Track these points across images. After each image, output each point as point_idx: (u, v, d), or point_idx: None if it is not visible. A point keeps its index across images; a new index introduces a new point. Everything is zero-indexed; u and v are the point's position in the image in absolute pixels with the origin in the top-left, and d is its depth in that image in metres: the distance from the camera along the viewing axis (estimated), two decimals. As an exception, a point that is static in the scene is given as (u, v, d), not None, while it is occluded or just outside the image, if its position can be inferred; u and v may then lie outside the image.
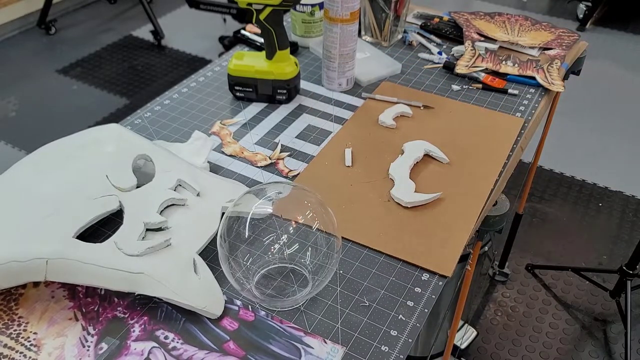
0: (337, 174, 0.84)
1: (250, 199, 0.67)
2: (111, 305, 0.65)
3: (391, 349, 0.61)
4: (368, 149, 0.88)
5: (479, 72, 1.06)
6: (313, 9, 1.10)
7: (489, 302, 1.60)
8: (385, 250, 0.72)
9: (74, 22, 2.86)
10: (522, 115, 0.97)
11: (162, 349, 0.61)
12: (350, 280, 0.69)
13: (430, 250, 0.72)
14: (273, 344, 0.61)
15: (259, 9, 0.90)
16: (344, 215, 0.77)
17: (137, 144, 0.78)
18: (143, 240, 0.66)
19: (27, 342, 0.61)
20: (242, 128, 0.94)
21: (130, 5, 2.98)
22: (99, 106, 2.24)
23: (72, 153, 0.75)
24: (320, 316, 0.65)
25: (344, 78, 1.02)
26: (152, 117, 0.96)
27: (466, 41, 1.13)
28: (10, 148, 2.01)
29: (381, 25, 1.14)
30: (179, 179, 0.74)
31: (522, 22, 1.21)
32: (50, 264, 0.61)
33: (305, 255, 0.68)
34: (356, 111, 0.97)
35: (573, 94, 2.34)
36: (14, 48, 2.64)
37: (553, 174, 2.10)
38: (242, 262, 0.67)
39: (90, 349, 0.61)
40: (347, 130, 0.93)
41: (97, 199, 0.69)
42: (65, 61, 2.52)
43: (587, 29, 2.77)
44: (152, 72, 2.48)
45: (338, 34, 0.95)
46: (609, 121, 2.17)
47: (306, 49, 1.15)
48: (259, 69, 0.96)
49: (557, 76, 1.05)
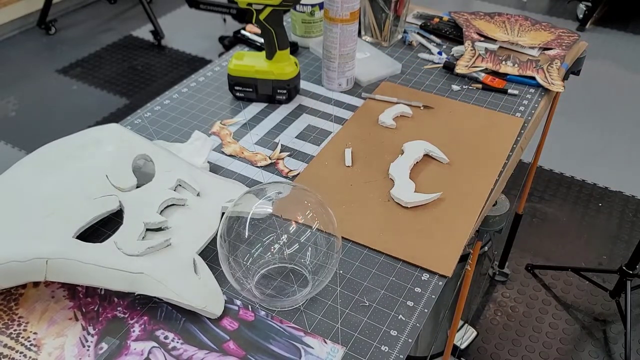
0: (337, 174, 0.84)
1: (250, 199, 0.67)
2: (111, 305, 0.65)
3: (391, 349, 0.61)
4: (368, 149, 0.88)
5: (478, 72, 1.06)
6: (313, 9, 1.10)
7: (489, 302, 1.60)
8: (385, 250, 0.72)
9: (74, 22, 2.86)
10: (522, 115, 0.97)
11: (162, 349, 0.61)
12: (350, 280, 0.69)
13: (430, 250, 0.72)
14: (273, 344, 0.61)
15: (259, 9, 0.90)
16: (344, 215, 0.77)
17: (137, 144, 0.78)
18: (143, 240, 0.66)
19: (27, 342, 0.61)
20: (242, 128, 0.94)
21: (130, 5, 2.98)
22: (99, 106, 2.24)
23: (72, 153, 0.75)
24: (320, 316, 0.65)
25: (344, 78, 1.02)
26: (152, 117, 0.96)
27: (466, 41, 1.13)
28: (10, 148, 2.01)
29: (381, 25, 1.14)
30: (179, 179, 0.74)
31: (522, 22, 1.21)
32: (50, 264, 0.61)
33: (305, 255, 0.68)
34: (356, 111, 0.97)
35: (573, 94, 2.34)
36: (14, 48, 2.64)
37: (553, 174, 2.10)
38: (242, 262, 0.67)
39: (90, 349, 0.61)
40: (347, 130, 0.93)
41: (97, 199, 0.69)
42: (65, 61, 2.52)
43: (587, 29, 2.77)
44: (152, 72, 2.48)
45: (338, 34, 0.95)
46: (608, 121, 2.17)
47: (306, 49, 1.15)
48: (259, 69, 0.96)
49: (557, 76, 1.05)
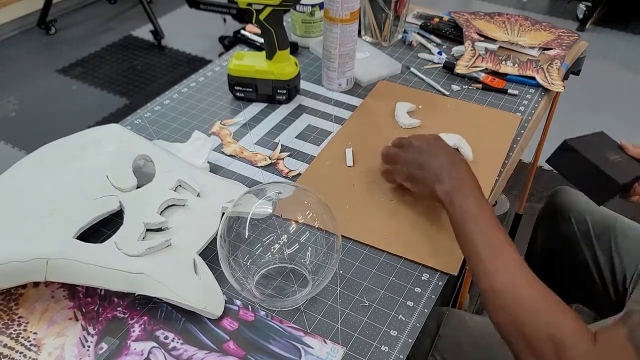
0: (339, 174, 0.84)
1: (250, 199, 0.67)
2: (111, 305, 0.65)
3: (391, 349, 0.61)
4: (369, 148, 0.88)
5: (478, 72, 1.06)
6: (313, 9, 1.10)
7: (489, 302, 1.60)
8: (390, 250, 0.72)
9: (74, 22, 2.86)
10: (522, 115, 0.97)
11: (162, 349, 0.61)
12: (350, 280, 0.69)
13: (435, 249, 0.72)
14: (273, 344, 0.61)
15: (259, 9, 0.90)
16: (349, 216, 0.76)
17: (137, 144, 0.78)
18: (143, 241, 0.66)
19: (27, 342, 0.61)
20: (242, 128, 0.94)
21: (130, 5, 2.98)
22: (99, 106, 2.24)
23: (72, 153, 0.75)
24: (320, 316, 0.65)
25: (344, 78, 1.02)
26: (152, 117, 0.96)
27: (466, 41, 1.13)
28: (10, 148, 2.01)
29: (381, 25, 1.14)
30: (179, 179, 0.74)
31: (522, 22, 1.21)
32: (50, 264, 0.61)
33: (305, 255, 0.68)
34: (355, 111, 0.97)
35: (573, 94, 2.33)
36: (13, 48, 2.64)
37: (553, 174, 2.09)
38: (242, 262, 0.67)
39: (90, 349, 0.61)
40: (346, 130, 0.93)
41: (97, 199, 0.69)
42: (65, 61, 2.52)
43: (587, 29, 2.76)
44: (152, 72, 2.48)
45: (338, 34, 0.95)
46: (609, 121, 2.17)
47: (306, 49, 1.15)
48: (259, 69, 0.96)
49: (557, 76, 1.05)
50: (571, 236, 0.92)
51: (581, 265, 0.90)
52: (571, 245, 0.92)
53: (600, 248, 0.88)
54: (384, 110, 0.97)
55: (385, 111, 0.97)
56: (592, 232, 0.89)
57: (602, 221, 0.91)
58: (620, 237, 0.88)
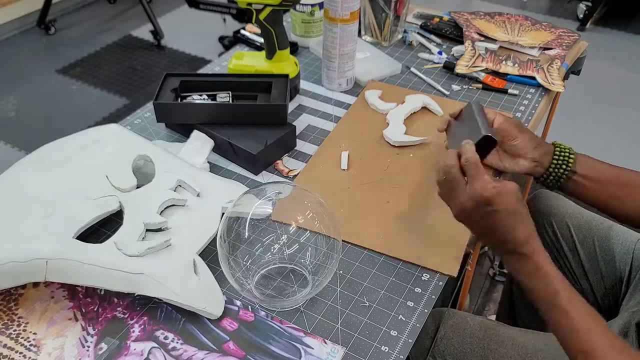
0: (334, 177, 0.83)
1: (250, 199, 0.67)
2: (111, 306, 0.65)
3: (391, 349, 0.61)
4: (363, 151, 0.88)
5: (479, 72, 1.06)
6: (313, 9, 1.10)
7: (489, 302, 1.60)
8: (388, 252, 0.72)
9: (74, 22, 2.86)
10: (522, 115, 0.97)
11: (161, 349, 0.61)
12: (350, 281, 0.69)
13: (432, 251, 0.72)
14: (273, 344, 0.61)
15: (259, 9, 0.90)
16: (344, 219, 0.76)
17: (137, 144, 0.77)
18: (143, 241, 0.66)
19: (27, 342, 0.61)
20: (242, 128, 0.94)
21: (130, 5, 2.97)
22: (99, 106, 2.24)
23: (72, 153, 0.75)
24: (320, 316, 0.65)
25: (344, 78, 1.01)
26: (152, 117, 0.96)
27: (466, 41, 1.12)
28: (10, 148, 2.01)
29: (381, 25, 1.14)
30: (179, 180, 0.74)
31: (522, 22, 1.21)
32: (50, 264, 0.61)
33: (305, 255, 0.68)
34: (349, 109, 0.96)
35: (573, 94, 2.33)
36: (13, 48, 2.63)
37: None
38: (242, 262, 0.67)
39: (90, 349, 0.60)
40: (339, 131, 0.92)
41: (97, 199, 0.69)
42: (65, 61, 2.52)
43: (587, 29, 2.76)
44: (151, 72, 2.47)
45: (338, 34, 0.95)
46: (609, 121, 2.17)
47: (306, 49, 1.15)
48: (258, 68, 0.96)
49: (557, 76, 1.05)
50: (554, 243, 0.90)
51: (568, 272, 0.89)
52: (556, 251, 0.91)
53: (585, 253, 0.87)
54: (372, 111, 0.97)
55: (374, 111, 0.96)
56: (575, 238, 0.88)
57: (583, 224, 0.89)
58: (604, 240, 0.86)
